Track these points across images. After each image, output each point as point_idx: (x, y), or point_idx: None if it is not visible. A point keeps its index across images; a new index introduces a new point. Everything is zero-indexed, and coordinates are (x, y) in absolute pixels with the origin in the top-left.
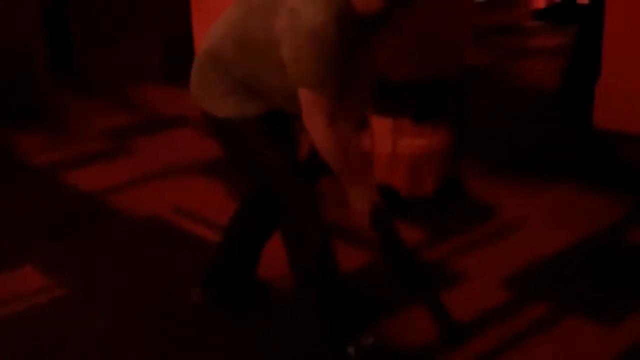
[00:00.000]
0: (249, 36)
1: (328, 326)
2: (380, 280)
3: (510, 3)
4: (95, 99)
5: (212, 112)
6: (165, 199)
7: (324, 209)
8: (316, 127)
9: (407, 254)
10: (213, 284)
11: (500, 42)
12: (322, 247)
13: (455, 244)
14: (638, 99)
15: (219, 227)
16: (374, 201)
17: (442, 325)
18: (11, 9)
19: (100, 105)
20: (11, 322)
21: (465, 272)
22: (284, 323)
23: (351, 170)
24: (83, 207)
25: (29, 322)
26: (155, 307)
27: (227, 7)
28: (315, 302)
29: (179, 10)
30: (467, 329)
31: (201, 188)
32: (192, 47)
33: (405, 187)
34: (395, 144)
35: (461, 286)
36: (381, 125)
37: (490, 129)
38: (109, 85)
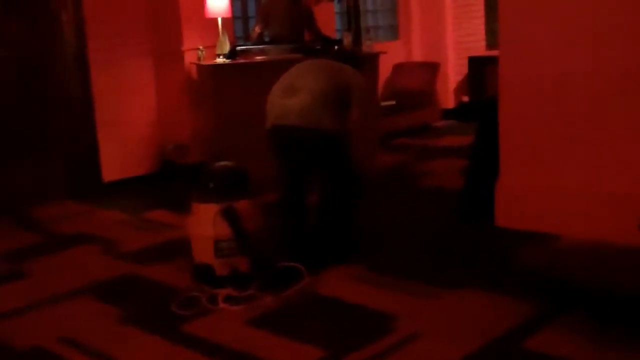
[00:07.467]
0: (337, 86)
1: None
2: None
3: (422, 104)
4: None
5: (327, 127)
6: (53, 327)
7: None
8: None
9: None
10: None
11: (411, 143)
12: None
13: None
14: (537, 196)
15: (104, 356)
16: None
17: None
18: None
19: None
20: None
21: None
22: None
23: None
24: None
25: None
26: None
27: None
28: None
29: (84, 127)
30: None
31: (92, 314)
32: (98, 163)
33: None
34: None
35: None
36: (205, 211)
37: (392, 233)
38: (9, 205)
